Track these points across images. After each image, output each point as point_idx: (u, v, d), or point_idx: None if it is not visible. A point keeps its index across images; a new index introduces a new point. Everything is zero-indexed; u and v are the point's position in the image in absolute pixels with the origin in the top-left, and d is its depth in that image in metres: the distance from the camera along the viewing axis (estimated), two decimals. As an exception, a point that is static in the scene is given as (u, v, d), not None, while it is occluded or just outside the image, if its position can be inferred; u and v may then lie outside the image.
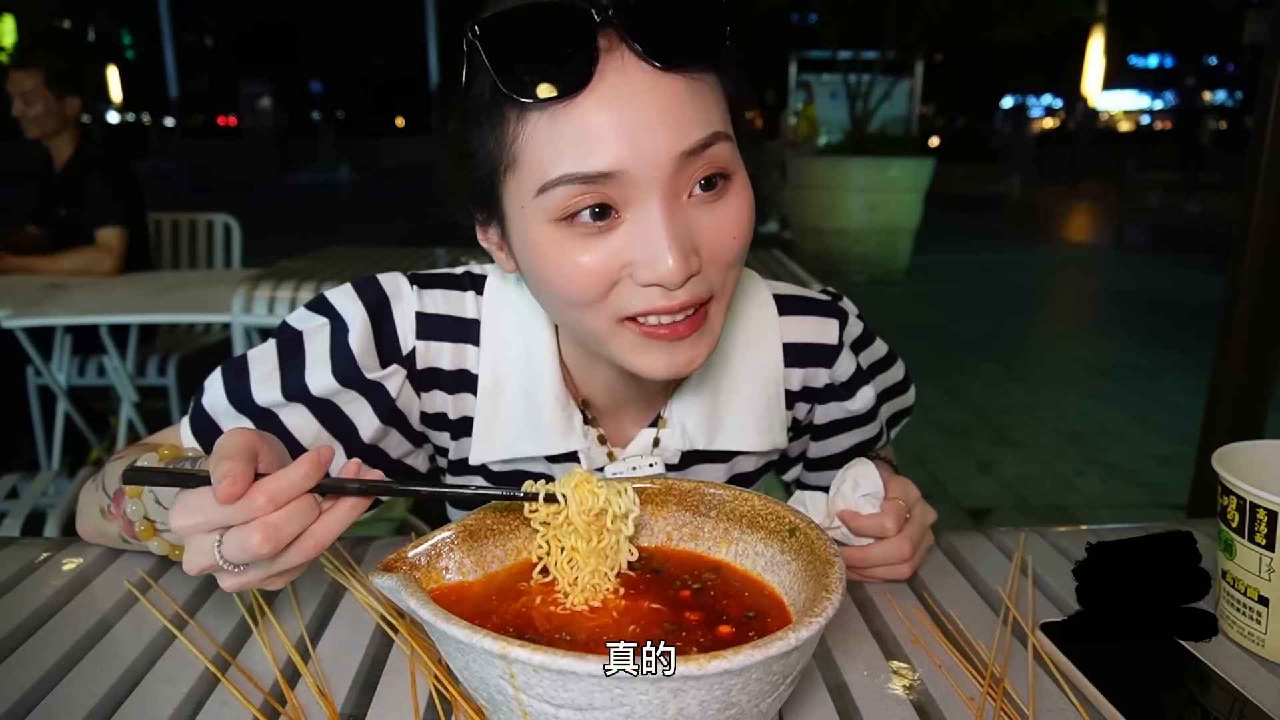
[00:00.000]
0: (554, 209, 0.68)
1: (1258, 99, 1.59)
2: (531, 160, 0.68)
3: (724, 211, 0.71)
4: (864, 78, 8.96)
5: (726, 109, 0.72)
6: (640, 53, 0.66)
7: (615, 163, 0.66)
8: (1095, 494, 3.40)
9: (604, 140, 0.66)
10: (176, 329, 3.39)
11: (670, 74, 0.67)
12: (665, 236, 0.67)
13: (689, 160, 0.68)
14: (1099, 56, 23.61)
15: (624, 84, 0.66)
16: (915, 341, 5.64)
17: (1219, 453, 0.74)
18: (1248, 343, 1.65)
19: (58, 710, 0.62)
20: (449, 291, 0.88)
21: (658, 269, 0.68)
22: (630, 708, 0.47)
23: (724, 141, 0.70)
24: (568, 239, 0.69)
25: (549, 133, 0.67)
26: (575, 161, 0.66)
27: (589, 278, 0.70)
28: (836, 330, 0.94)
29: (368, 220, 11.68)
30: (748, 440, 0.91)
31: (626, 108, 0.66)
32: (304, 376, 0.83)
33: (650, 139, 0.66)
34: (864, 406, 0.98)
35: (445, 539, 0.64)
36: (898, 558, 0.80)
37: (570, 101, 0.66)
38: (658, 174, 0.67)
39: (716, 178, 0.70)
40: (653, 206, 0.68)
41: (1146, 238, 11.18)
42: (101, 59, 27.09)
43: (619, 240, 0.69)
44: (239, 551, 0.57)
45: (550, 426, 0.86)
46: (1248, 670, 0.69)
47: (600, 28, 0.66)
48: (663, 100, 0.66)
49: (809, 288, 1.00)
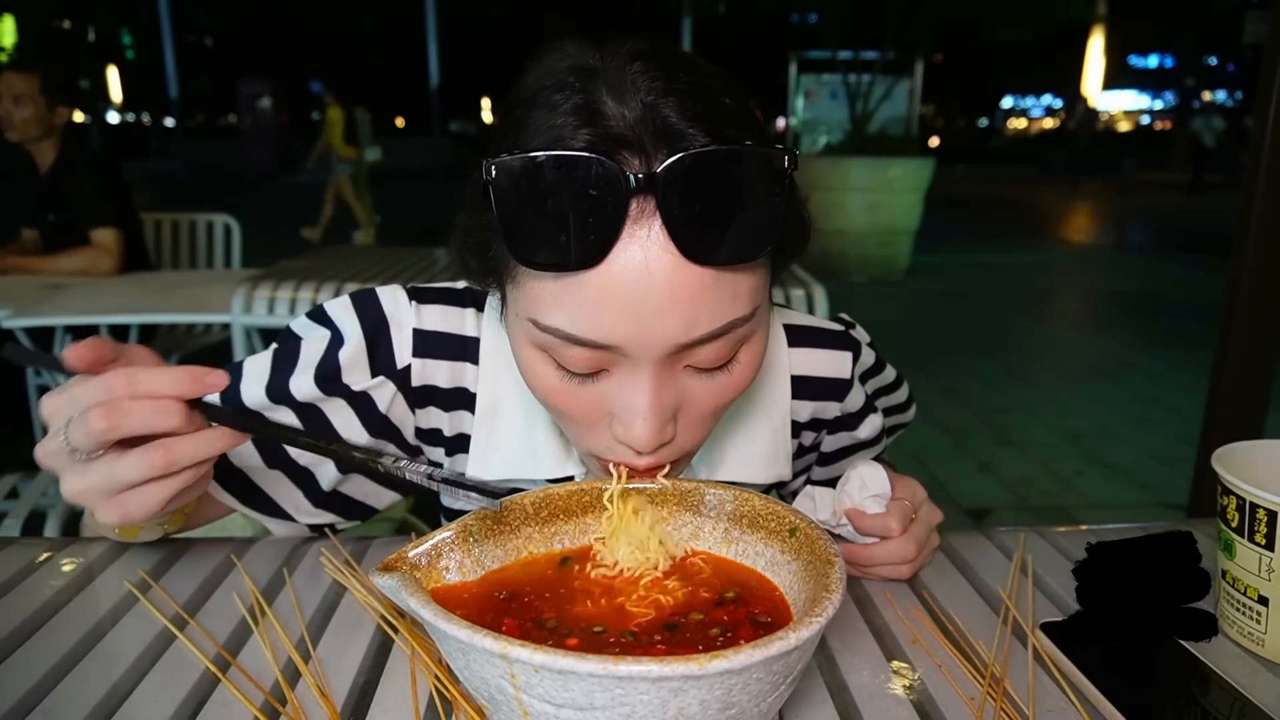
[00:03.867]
0: (541, 343, 0.64)
1: (1258, 99, 1.59)
2: (529, 294, 0.63)
3: (720, 382, 0.67)
4: (864, 78, 8.96)
5: (766, 276, 0.66)
6: (669, 235, 0.58)
7: (609, 338, 0.61)
8: (1095, 494, 3.40)
9: (604, 316, 0.60)
10: (176, 329, 3.39)
11: (697, 265, 0.59)
12: (646, 405, 0.63)
13: (695, 344, 0.63)
14: (1099, 56, 23.62)
15: (641, 264, 0.58)
16: (915, 341, 5.64)
17: (1219, 453, 0.74)
18: (1248, 343, 1.65)
19: (58, 710, 0.62)
20: (449, 308, 0.85)
21: (630, 433, 0.64)
22: (631, 707, 0.47)
23: (745, 324, 0.63)
24: (553, 373, 0.66)
25: (552, 284, 0.61)
26: (570, 324, 0.61)
27: (567, 411, 0.68)
28: (849, 364, 0.92)
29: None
30: (750, 472, 0.89)
31: (638, 289, 0.58)
32: (288, 379, 0.83)
33: (653, 326, 0.60)
34: (871, 434, 0.98)
35: (445, 539, 0.64)
36: (900, 558, 0.80)
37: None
38: (653, 355, 0.62)
39: (724, 359, 0.65)
40: (642, 376, 0.63)
41: (1147, 237, 11.18)
42: (101, 59, 27.09)
43: (603, 389, 0.66)
44: (79, 429, 0.55)
45: (547, 451, 0.84)
46: (1248, 670, 0.69)
47: (633, 192, 0.57)
48: (681, 290, 0.59)
49: (810, 288, 0.99)
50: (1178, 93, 34.10)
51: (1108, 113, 37.05)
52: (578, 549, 0.70)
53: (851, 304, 1.04)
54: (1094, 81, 24.05)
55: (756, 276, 0.64)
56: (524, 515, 0.68)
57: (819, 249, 7.97)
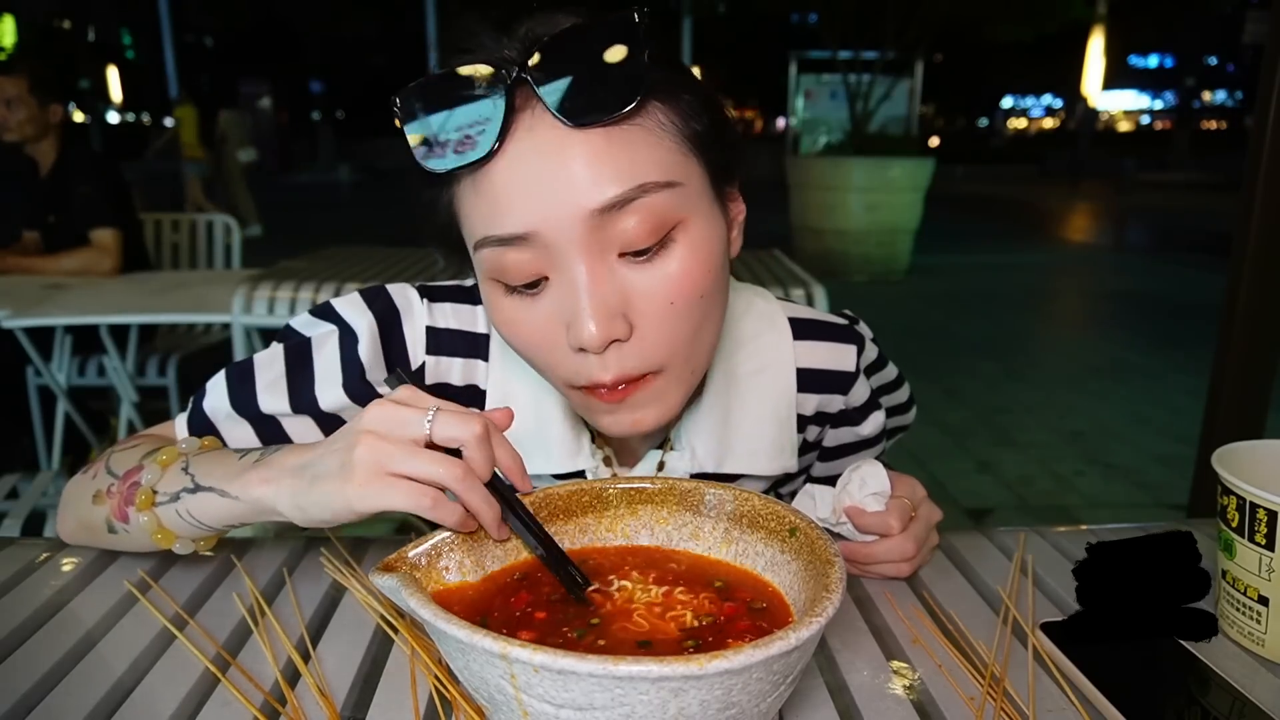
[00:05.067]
0: (488, 269, 0.69)
1: (1258, 99, 1.59)
2: (465, 219, 0.70)
3: (658, 272, 0.68)
4: (864, 78, 8.96)
5: (680, 149, 0.68)
6: (550, 109, 0.64)
7: (526, 224, 0.65)
8: (1095, 494, 3.40)
9: (512, 202, 0.65)
10: (176, 329, 3.39)
11: (584, 130, 0.64)
12: (584, 297, 0.66)
13: (612, 216, 0.65)
14: (1099, 56, 23.61)
15: (532, 144, 0.65)
16: (915, 341, 5.64)
17: (1219, 453, 0.74)
18: (1248, 343, 1.65)
19: (58, 710, 0.62)
20: (459, 305, 0.87)
21: (579, 333, 0.66)
22: (631, 707, 0.47)
23: (658, 191, 0.66)
24: (505, 299, 0.70)
25: (472, 195, 0.68)
26: (493, 224, 0.67)
27: (527, 339, 0.71)
28: (854, 357, 0.93)
29: (368, 221, 11.67)
30: (757, 464, 0.89)
31: (534, 168, 0.65)
32: (314, 390, 0.82)
33: (559, 197, 0.64)
34: (874, 430, 0.98)
35: (445, 539, 0.64)
36: (900, 556, 0.80)
37: (486, 164, 0.66)
38: (572, 234, 0.65)
39: (651, 237, 0.67)
40: (573, 265, 0.66)
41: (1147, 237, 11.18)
42: (101, 59, 27.08)
43: (547, 303, 0.69)
44: (449, 434, 0.60)
45: (558, 445, 0.85)
46: (1248, 670, 0.69)
47: (514, 88, 0.64)
48: (575, 155, 0.64)
49: (810, 288, 1.00)
50: (1178, 93, 34.11)
51: (1108, 113, 37.05)
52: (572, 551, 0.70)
53: (852, 304, 1.04)
54: (1094, 81, 24.03)
55: (665, 145, 0.67)
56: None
57: (819, 249, 7.98)
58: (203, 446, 0.76)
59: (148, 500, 0.72)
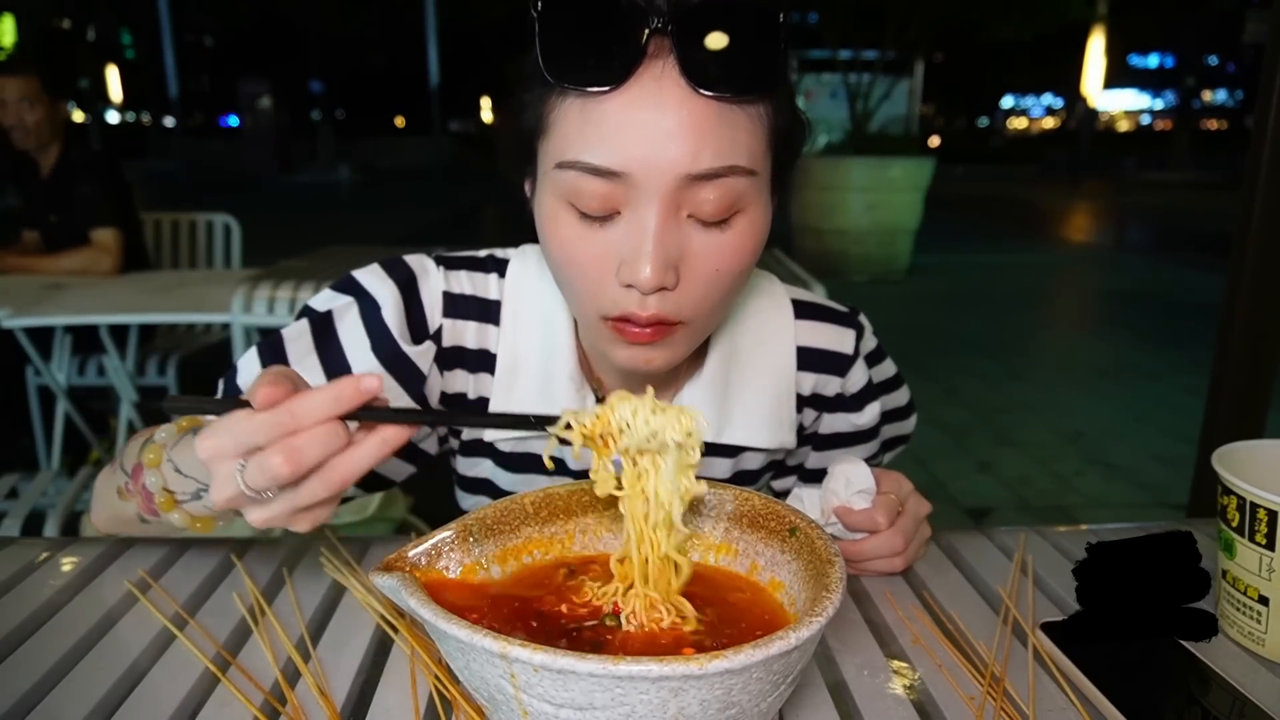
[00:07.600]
0: (564, 189, 0.72)
1: (1258, 99, 1.59)
2: (558, 135, 0.72)
3: (720, 242, 0.72)
4: (864, 78, 8.96)
5: (765, 142, 0.73)
6: (679, 68, 0.67)
7: (624, 164, 0.68)
8: (1095, 494, 3.40)
9: (621, 140, 0.68)
10: (176, 329, 3.39)
11: (704, 96, 0.68)
12: (650, 241, 0.69)
13: (697, 183, 0.69)
14: (1099, 56, 23.61)
15: (657, 92, 0.67)
16: (915, 341, 5.64)
17: (1219, 453, 0.74)
18: (1248, 343, 1.65)
19: (58, 710, 0.62)
20: (473, 273, 0.90)
21: (636, 271, 0.70)
22: (630, 707, 0.47)
23: (741, 176, 0.70)
24: (572, 220, 0.73)
25: (578, 117, 0.70)
26: (590, 152, 0.69)
27: (582, 263, 0.73)
28: (853, 340, 0.96)
29: (368, 220, 11.68)
30: (756, 436, 0.92)
31: (651, 115, 0.67)
32: (344, 357, 0.83)
33: (663, 151, 0.67)
34: (869, 422, 0.99)
35: (445, 539, 0.64)
36: (890, 551, 0.81)
37: (603, 95, 0.68)
38: (661, 185, 0.68)
39: (721, 212, 0.71)
40: (649, 211, 0.69)
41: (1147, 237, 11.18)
42: (101, 59, 27.08)
43: (613, 235, 0.72)
44: (259, 475, 0.55)
45: (564, 405, 0.87)
46: (1248, 670, 0.69)
47: (653, 32, 0.67)
48: (688, 118, 0.67)
49: (810, 288, 1.01)
50: (1178, 92, 34.10)
51: (1108, 112, 37.05)
52: (579, 558, 0.70)
53: (851, 303, 1.05)
54: (1094, 81, 24.03)
55: (757, 136, 0.71)
56: (524, 515, 0.68)
57: (819, 249, 7.97)
58: (180, 428, 0.74)
59: (169, 503, 0.72)
